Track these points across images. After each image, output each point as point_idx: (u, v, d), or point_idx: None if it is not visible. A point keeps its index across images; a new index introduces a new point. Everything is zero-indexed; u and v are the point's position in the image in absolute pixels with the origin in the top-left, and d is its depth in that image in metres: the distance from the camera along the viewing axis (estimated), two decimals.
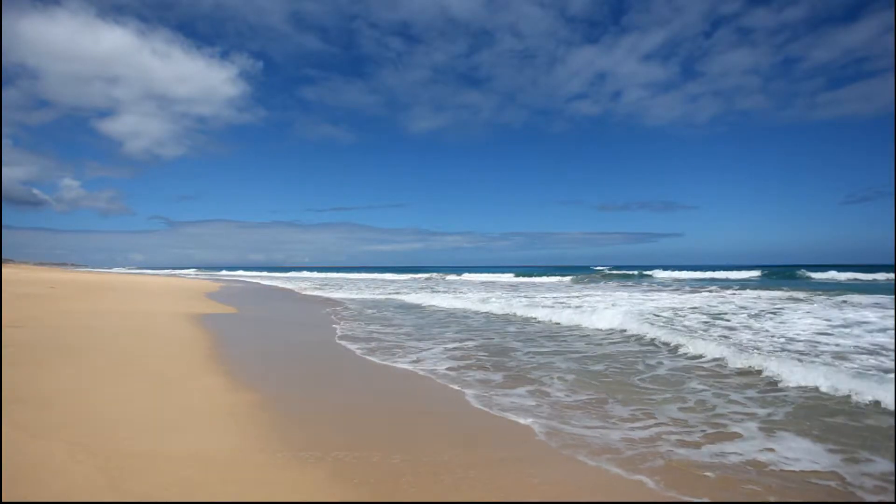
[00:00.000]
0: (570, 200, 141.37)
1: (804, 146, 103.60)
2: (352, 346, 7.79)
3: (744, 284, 23.68)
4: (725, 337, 7.96)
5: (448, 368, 6.20)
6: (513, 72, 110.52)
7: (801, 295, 17.43)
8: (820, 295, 17.29)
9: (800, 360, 5.83)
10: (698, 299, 16.20)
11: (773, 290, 20.01)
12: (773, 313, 11.34)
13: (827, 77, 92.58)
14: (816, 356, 6.37)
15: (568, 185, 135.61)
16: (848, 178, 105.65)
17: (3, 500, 2.50)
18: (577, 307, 13.16)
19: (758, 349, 6.79)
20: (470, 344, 8.02)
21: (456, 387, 5.30)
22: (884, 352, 6.57)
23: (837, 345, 7.13)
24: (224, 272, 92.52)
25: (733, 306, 13.35)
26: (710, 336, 8.04)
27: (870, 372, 5.31)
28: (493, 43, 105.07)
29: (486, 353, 7.18)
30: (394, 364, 6.50)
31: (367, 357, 6.98)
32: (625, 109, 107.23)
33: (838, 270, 38.21)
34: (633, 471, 3.16)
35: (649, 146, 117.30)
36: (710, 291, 20.55)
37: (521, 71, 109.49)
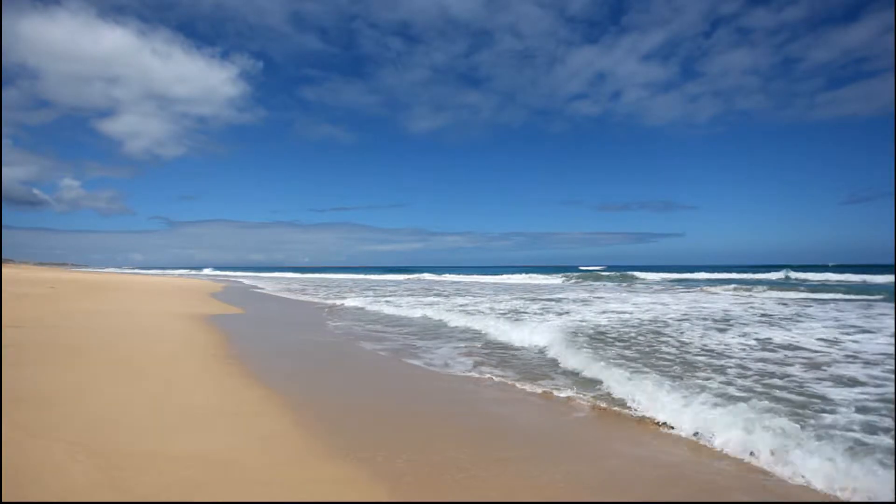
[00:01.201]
0: (570, 200, 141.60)
1: (804, 146, 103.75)
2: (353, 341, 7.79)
3: (741, 285, 23.67)
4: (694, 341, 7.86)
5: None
6: (513, 72, 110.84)
7: (798, 296, 17.44)
8: (813, 296, 17.31)
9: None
10: (686, 302, 16.19)
11: (771, 290, 20.01)
12: (765, 317, 11.33)
13: (827, 77, 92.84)
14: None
15: (568, 185, 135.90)
16: (848, 178, 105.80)
17: (3, 500, 2.49)
18: (501, 313, 12.13)
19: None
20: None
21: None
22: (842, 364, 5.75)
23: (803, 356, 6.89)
24: (207, 270, 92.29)
25: (719, 308, 13.35)
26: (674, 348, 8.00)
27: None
28: (493, 43, 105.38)
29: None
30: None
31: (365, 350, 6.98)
32: (624, 109, 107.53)
33: (837, 271, 38.22)
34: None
35: (649, 146, 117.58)
36: (705, 292, 20.58)
37: (520, 71, 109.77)
